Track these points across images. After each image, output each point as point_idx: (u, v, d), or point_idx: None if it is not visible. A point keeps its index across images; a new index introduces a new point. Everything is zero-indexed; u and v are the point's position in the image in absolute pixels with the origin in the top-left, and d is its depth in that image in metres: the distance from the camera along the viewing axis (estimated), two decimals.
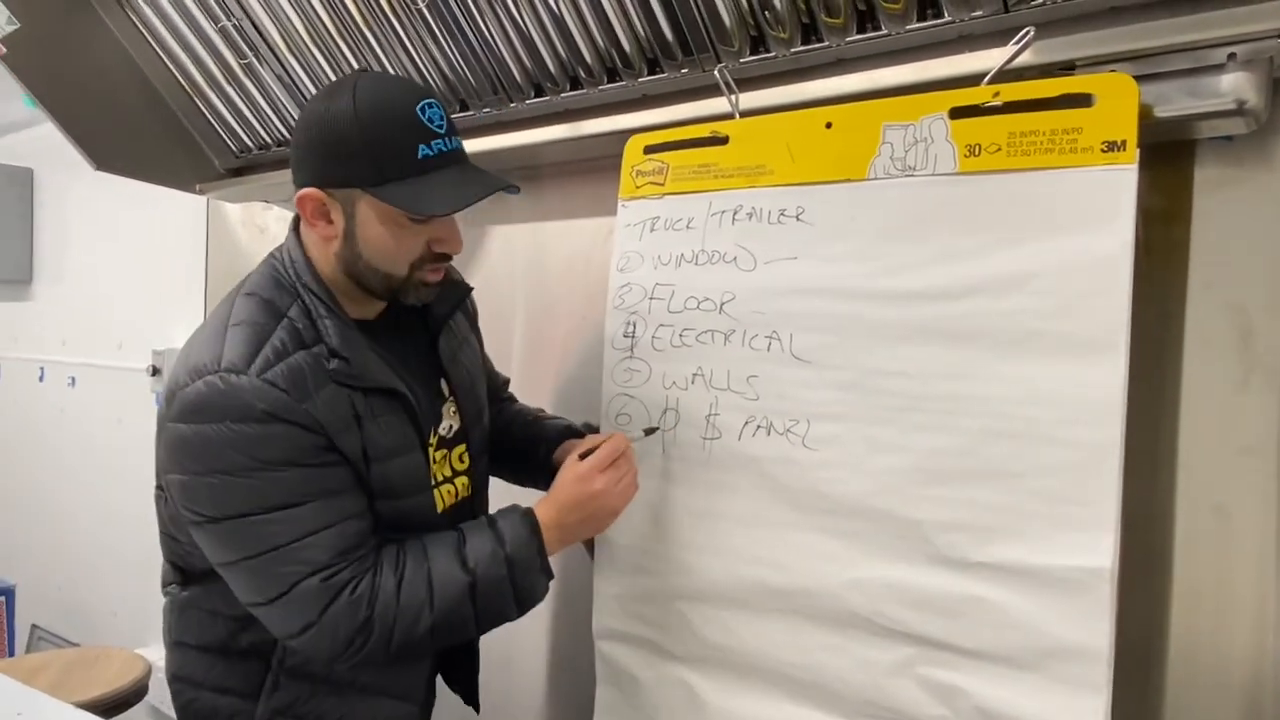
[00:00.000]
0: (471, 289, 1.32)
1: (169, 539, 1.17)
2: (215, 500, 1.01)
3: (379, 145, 1.01)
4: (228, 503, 1.00)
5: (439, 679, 1.34)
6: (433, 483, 1.18)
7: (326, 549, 1.01)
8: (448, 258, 1.12)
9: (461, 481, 1.25)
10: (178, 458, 1.02)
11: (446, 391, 1.23)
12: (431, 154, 1.03)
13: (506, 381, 1.51)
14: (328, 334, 1.06)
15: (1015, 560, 0.97)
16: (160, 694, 2.60)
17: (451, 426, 1.23)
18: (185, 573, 1.17)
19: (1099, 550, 0.92)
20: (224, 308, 1.10)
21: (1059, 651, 0.94)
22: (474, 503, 1.28)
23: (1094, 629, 0.92)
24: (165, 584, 1.22)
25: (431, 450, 1.18)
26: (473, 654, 1.35)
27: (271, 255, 1.15)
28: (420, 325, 1.23)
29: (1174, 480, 1.05)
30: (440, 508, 1.18)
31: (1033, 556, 0.96)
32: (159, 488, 1.14)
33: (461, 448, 1.25)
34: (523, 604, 1.11)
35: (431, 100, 1.05)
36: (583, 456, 1.16)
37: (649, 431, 1.24)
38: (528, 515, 1.12)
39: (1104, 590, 0.92)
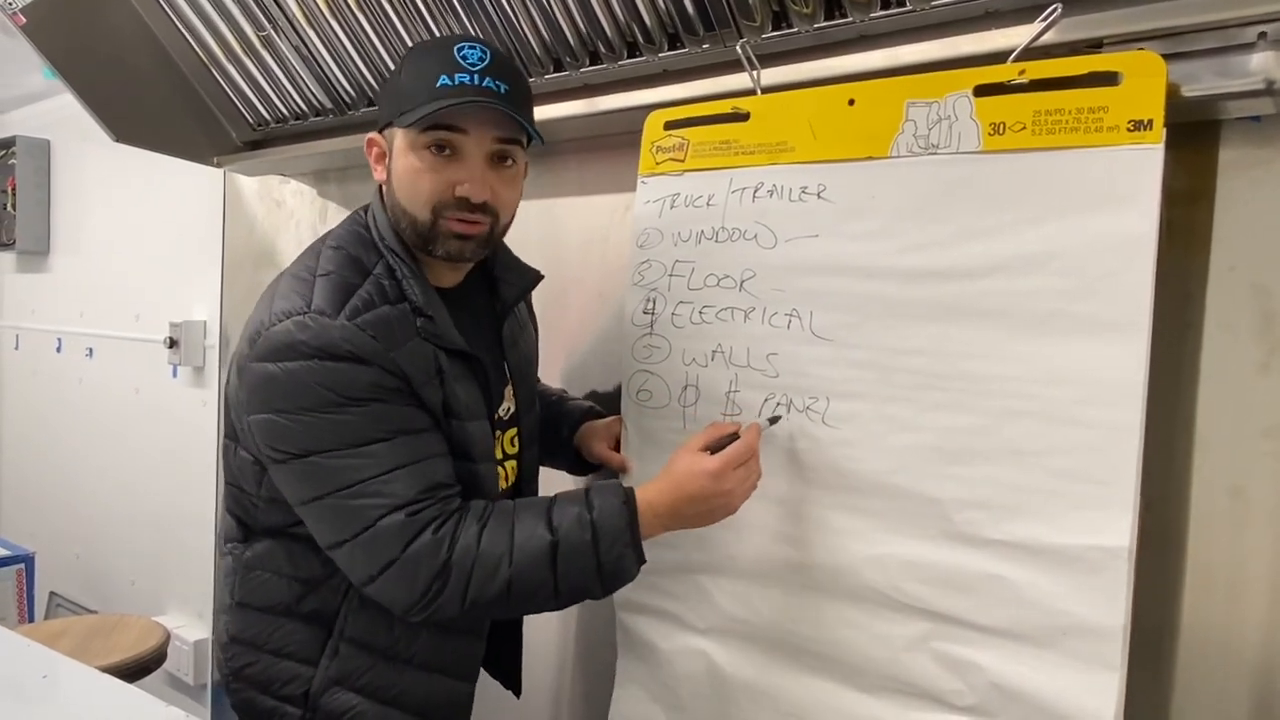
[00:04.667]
0: (542, 277, 1.28)
1: (235, 490, 1.16)
2: (300, 437, 1.00)
3: (408, 79, 1.04)
4: (313, 439, 1.00)
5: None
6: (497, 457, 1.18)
7: (410, 484, 1.01)
8: (472, 206, 1.06)
9: (511, 465, 1.24)
10: (263, 396, 1.02)
11: (506, 374, 1.23)
12: (451, 84, 1.02)
13: None
14: (413, 293, 1.07)
15: (1033, 538, 0.98)
16: (178, 661, 2.65)
17: (509, 409, 1.23)
18: (248, 528, 1.16)
19: (1117, 530, 0.93)
20: (309, 258, 1.10)
21: (1074, 629, 0.95)
22: (521, 491, 1.27)
23: (1110, 608, 0.93)
24: (226, 540, 1.19)
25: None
26: (517, 640, 1.36)
27: (355, 214, 1.16)
28: (488, 307, 1.23)
29: (1190, 462, 1.04)
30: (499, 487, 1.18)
31: (1050, 535, 0.97)
32: (228, 436, 1.13)
33: (514, 431, 1.25)
34: (607, 580, 1.05)
35: (476, 44, 1.05)
36: (709, 448, 1.09)
37: (773, 421, 1.16)
38: (623, 489, 1.07)
39: (1121, 570, 0.92)
